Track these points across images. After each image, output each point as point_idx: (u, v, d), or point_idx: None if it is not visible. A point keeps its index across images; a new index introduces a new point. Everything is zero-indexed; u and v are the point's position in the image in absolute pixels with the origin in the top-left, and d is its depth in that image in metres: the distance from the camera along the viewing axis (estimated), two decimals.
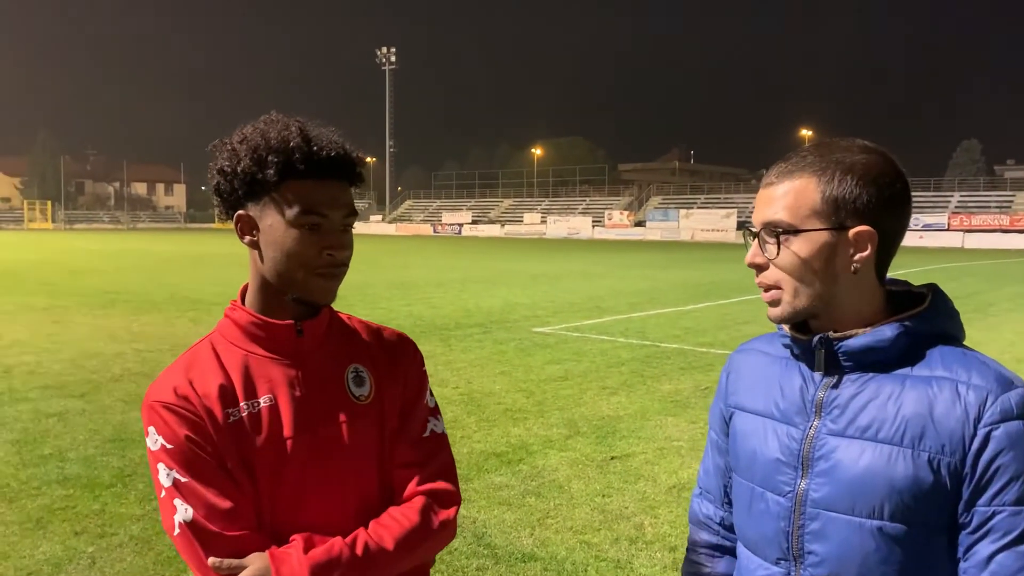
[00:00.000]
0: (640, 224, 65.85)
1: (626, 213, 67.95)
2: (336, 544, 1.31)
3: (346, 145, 1.38)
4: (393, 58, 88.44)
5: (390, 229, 77.75)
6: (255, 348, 1.40)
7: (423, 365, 1.57)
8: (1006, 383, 1.21)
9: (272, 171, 1.31)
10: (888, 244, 1.29)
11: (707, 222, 61.33)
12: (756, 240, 1.32)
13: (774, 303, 1.33)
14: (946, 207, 58.35)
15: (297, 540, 1.31)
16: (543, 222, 70.66)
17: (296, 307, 1.41)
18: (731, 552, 1.53)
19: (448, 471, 1.48)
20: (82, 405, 7.33)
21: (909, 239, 51.05)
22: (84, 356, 9.76)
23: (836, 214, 1.25)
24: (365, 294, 17.35)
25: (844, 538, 1.25)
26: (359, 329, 1.53)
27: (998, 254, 41.34)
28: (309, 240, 1.34)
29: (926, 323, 1.28)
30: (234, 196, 1.37)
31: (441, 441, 1.50)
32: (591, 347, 10.81)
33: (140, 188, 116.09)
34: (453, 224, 74.83)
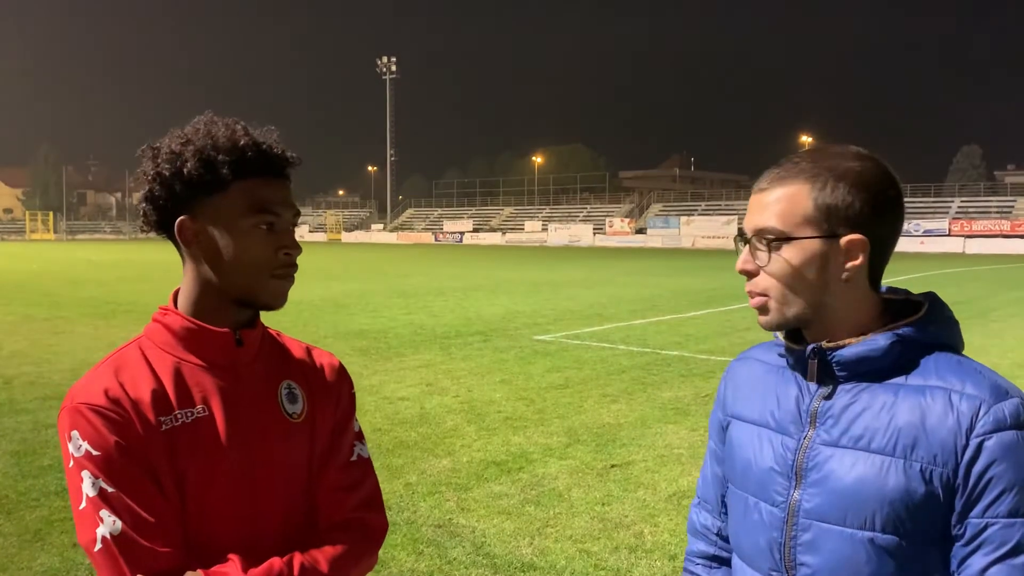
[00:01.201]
0: (641, 231, 65.84)
1: (627, 220, 67.95)
2: (275, 563, 1.27)
3: (281, 143, 1.36)
4: (394, 67, 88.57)
5: (391, 238, 77.76)
6: (188, 356, 1.34)
7: (352, 388, 1.54)
8: (1000, 393, 1.19)
9: (225, 171, 1.28)
10: (881, 252, 1.28)
11: (708, 229, 61.31)
12: (747, 247, 1.31)
13: (763, 310, 1.32)
14: (947, 213, 58.31)
15: (234, 559, 1.26)
16: (544, 230, 70.67)
17: (236, 314, 1.36)
18: (727, 563, 1.52)
19: (375, 498, 1.45)
20: None
21: (910, 245, 51.32)
22: (85, 367, 9.75)
23: (828, 222, 1.24)
24: (366, 302, 17.35)
25: (836, 549, 1.23)
26: (289, 346, 1.49)
27: (999, 259, 41.29)
28: (265, 240, 1.31)
29: (921, 332, 1.26)
30: (173, 202, 1.31)
31: (367, 467, 1.48)
32: (592, 355, 10.80)
33: None
34: (454, 232, 74.85)
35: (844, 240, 1.24)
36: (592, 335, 12.70)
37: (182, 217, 1.31)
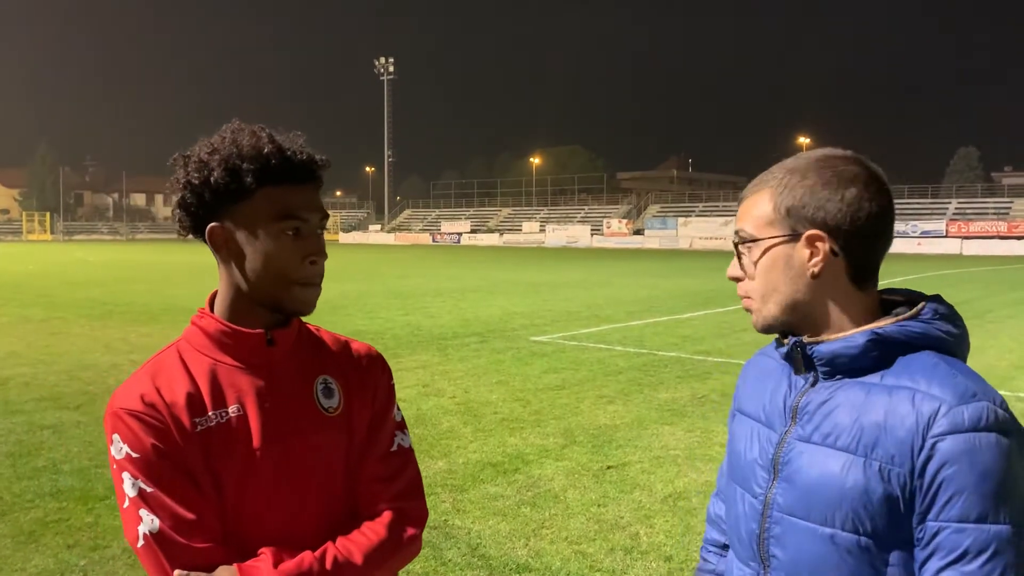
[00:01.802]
0: (639, 232, 65.86)
1: (624, 221, 67.98)
2: (306, 558, 1.29)
3: (308, 148, 1.38)
4: (391, 68, 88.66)
5: (389, 238, 77.75)
6: (223, 357, 1.38)
7: (391, 379, 1.56)
8: (965, 396, 1.16)
9: (250, 179, 1.31)
10: (858, 245, 1.27)
11: (706, 230, 61.35)
12: (735, 253, 1.38)
13: (751, 313, 1.37)
14: (944, 214, 58.38)
15: (266, 554, 1.29)
16: (542, 231, 70.67)
17: (268, 317, 1.40)
18: None
19: (415, 487, 1.47)
20: (77, 417, 7.30)
21: (907, 246, 51.37)
22: (80, 368, 9.75)
23: (788, 221, 1.28)
24: (363, 304, 17.35)
25: (800, 544, 1.25)
26: (327, 341, 1.52)
27: (996, 260, 41.35)
28: (292, 247, 1.34)
29: (904, 331, 1.25)
30: (204, 209, 1.35)
31: (408, 456, 1.49)
32: (589, 356, 10.79)
33: (139, 199, 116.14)
34: (452, 233, 74.84)
35: (804, 236, 1.27)
36: (589, 336, 12.70)
37: (212, 224, 1.36)
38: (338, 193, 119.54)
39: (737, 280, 1.37)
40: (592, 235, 66.84)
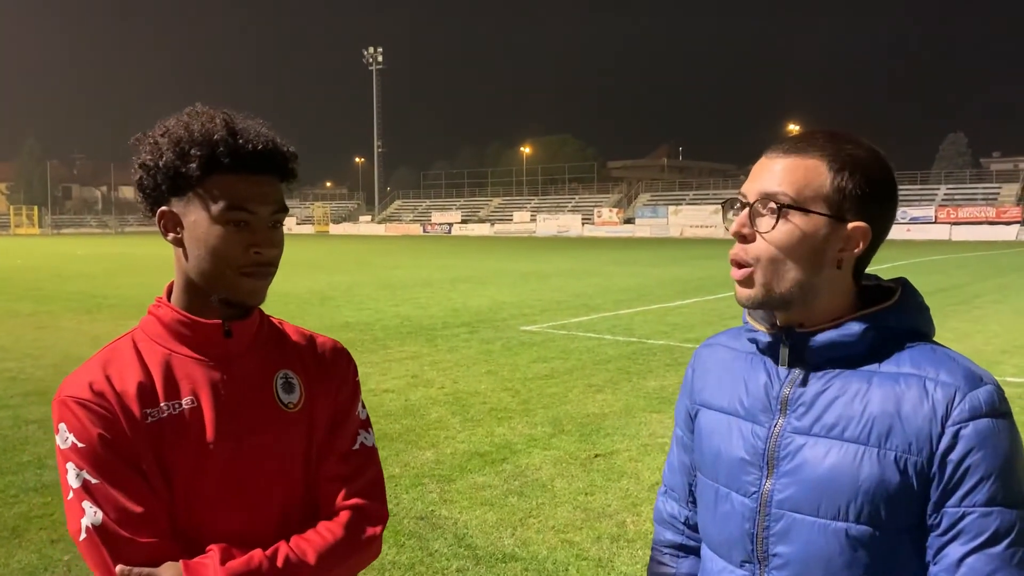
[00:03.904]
0: (629, 221, 65.91)
1: (615, 210, 68.00)
2: (256, 556, 1.26)
3: (276, 138, 1.33)
4: (380, 58, 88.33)
5: (379, 229, 77.59)
6: (179, 347, 1.34)
7: (357, 375, 1.52)
8: (975, 380, 1.17)
9: (195, 165, 1.27)
10: (875, 245, 1.28)
11: (696, 218, 61.43)
12: (747, 210, 1.25)
13: (745, 283, 1.27)
14: (933, 200, 58.61)
15: (214, 550, 1.25)
16: (532, 220, 70.65)
17: (224, 307, 1.36)
18: (696, 552, 1.50)
19: (376, 487, 1.43)
20: None
21: (896, 232, 51.44)
22: (68, 362, 9.68)
23: (840, 204, 1.22)
24: (352, 295, 17.30)
25: (809, 540, 1.22)
26: (291, 334, 1.48)
27: (985, 246, 41.55)
28: (235, 238, 1.29)
29: (894, 318, 1.25)
30: (157, 192, 1.31)
31: (370, 455, 1.45)
32: (578, 345, 10.79)
33: (127, 192, 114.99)
34: (443, 224, 74.75)
35: (851, 226, 1.23)
36: (579, 325, 12.70)
37: (162, 208, 1.32)
38: (328, 184, 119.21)
39: (744, 239, 1.26)
40: (583, 224, 66.84)
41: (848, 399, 1.22)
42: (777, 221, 1.23)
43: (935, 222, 53.40)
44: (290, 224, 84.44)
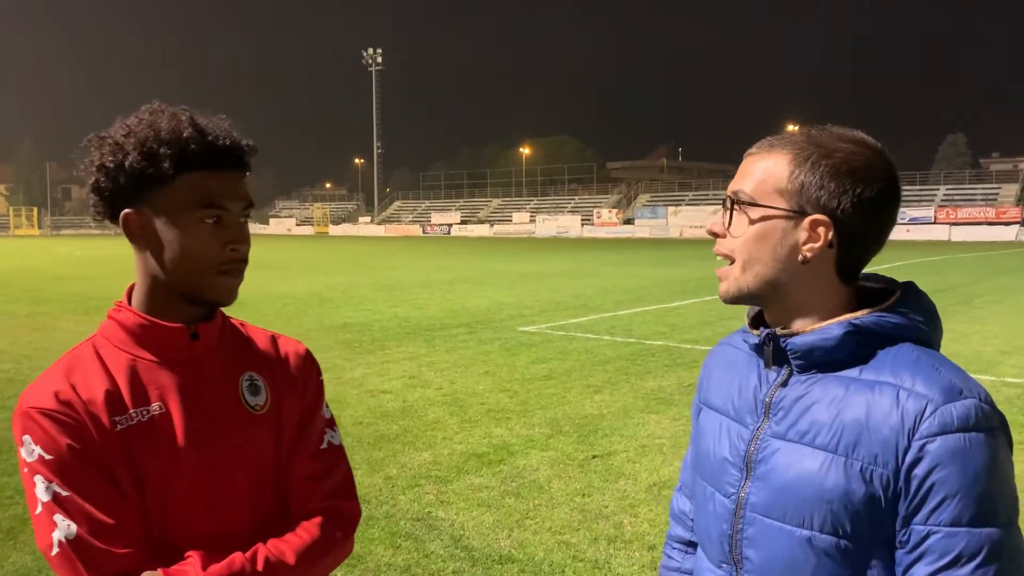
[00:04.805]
0: (629, 222, 65.90)
1: (615, 211, 67.98)
2: (237, 559, 1.24)
3: (234, 133, 1.32)
4: (379, 59, 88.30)
5: (379, 230, 77.55)
6: (143, 352, 1.31)
7: (320, 375, 1.51)
8: (951, 393, 1.11)
9: (167, 164, 1.24)
10: (856, 244, 1.21)
11: (695, 219, 61.39)
12: (723, 210, 1.28)
13: (722, 276, 1.28)
14: (932, 200, 58.59)
15: (194, 557, 1.23)
16: (532, 221, 70.63)
17: (188, 309, 1.33)
18: None
19: (347, 485, 1.43)
20: None
21: (896, 233, 49.89)
22: None
23: (798, 198, 1.19)
24: (351, 295, 17.28)
25: (775, 547, 1.20)
26: (253, 336, 1.46)
27: (984, 246, 41.54)
28: (211, 235, 1.28)
29: (881, 322, 1.19)
30: (119, 194, 1.28)
31: (339, 454, 1.45)
32: (576, 346, 10.77)
33: None
34: (442, 224, 74.72)
35: (808, 219, 1.19)
36: (577, 326, 12.68)
37: (127, 210, 1.29)
38: (327, 185, 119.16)
39: (717, 236, 1.28)
40: (582, 225, 66.84)
41: (824, 405, 1.19)
42: (737, 217, 1.25)
43: (934, 222, 53.38)
44: (290, 225, 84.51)
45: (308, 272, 24.59)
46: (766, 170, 1.23)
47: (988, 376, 8.73)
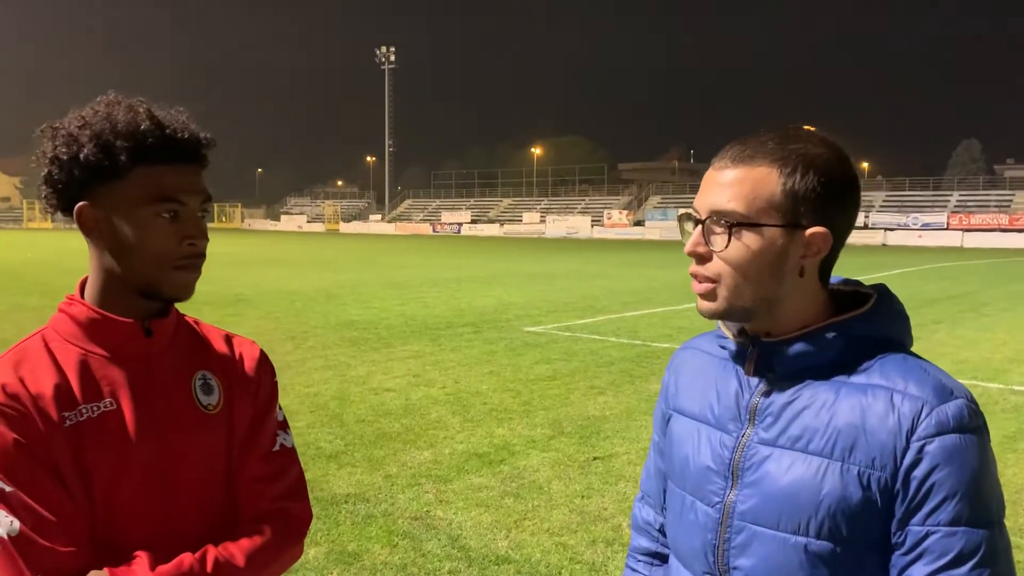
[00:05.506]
0: (639, 224, 65.77)
1: (625, 212, 67.89)
2: (185, 559, 1.22)
3: (192, 126, 1.30)
4: (392, 57, 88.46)
5: (389, 228, 77.66)
6: (94, 347, 1.29)
7: (275, 376, 1.49)
8: (944, 394, 1.12)
9: (124, 157, 1.23)
10: (839, 247, 1.22)
11: None
12: (700, 228, 1.20)
13: (708, 296, 1.21)
14: (945, 206, 58.28)
15: (141, 557, 1.21)
16: (542, 221, 70.57)
17: (143, 304, 1.31)
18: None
19: (299, 487, 1.42)
20: None
21: (908, 239, 51.28)
22: None
23: (793, 210, 1.16)
24: (359, 293, 17.31)
25: (769, 554, 1.18)
26: (208, 335, 1.44)
27: (997, 253, 41.26)
28: (168, 230, 1.26)
29: (867, 327, 1.20)
30: (73, 187, 1.26)
31: (291, 456, 1.43)
32: (582, 347, 10.75)
33: None
34: (452, 223, 74.77)
35: (808, 232, 1.17)
36: (583, 327, 12.66)
37: (81, 203, 1.27)
38: (339, 183, 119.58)
39: (699, 258, 1.21)
40: (592, 226, 66.74)
41: (815, 411, 1.18)
42: (730, 240, 1.18)
43: (947, 228, 53.08)
44: (300, 222, 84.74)
45: (317, 269, 24.66)
46: (753, 185, 1.17)
47: (996, 384, 8.66)
